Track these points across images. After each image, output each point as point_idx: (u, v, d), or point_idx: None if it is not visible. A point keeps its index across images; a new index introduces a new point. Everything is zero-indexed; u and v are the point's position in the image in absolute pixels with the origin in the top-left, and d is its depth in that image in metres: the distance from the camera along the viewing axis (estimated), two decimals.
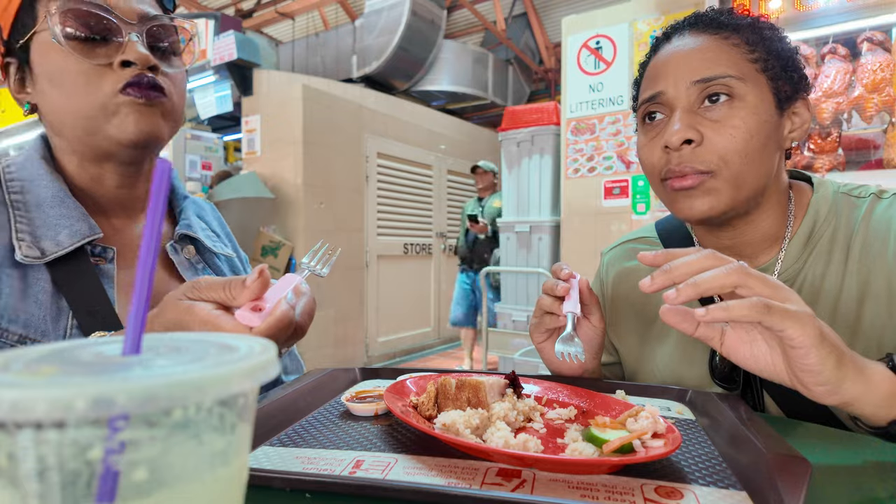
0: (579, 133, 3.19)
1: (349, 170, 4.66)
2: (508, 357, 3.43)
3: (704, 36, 0.69)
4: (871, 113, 2.10)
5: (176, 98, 0.69)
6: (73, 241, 0.65)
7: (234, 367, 0.20)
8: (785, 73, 0.68)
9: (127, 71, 0.63)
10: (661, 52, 0.73)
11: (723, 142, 0.65)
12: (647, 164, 0.73)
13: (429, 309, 5.75)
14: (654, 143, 0.71)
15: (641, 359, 0.84)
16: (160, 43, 0.68)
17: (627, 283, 0.88)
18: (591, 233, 3.18)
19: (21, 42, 0.65)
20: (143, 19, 0.65)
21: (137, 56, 0.63)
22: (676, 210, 0.71)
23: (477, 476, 0.42)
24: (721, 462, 0.45)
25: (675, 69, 0.69)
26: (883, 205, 0.70)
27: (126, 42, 0.63)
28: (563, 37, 3.25)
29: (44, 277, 0.63)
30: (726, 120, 0.66)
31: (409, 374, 0.67)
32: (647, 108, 0.72)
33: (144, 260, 0.23)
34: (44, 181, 0.67)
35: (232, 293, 0.48)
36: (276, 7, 6.89)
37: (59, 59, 0.63)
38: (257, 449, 0.48)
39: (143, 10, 0.66)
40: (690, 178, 0.67)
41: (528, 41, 7.72)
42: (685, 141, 0.66)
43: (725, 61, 0.67)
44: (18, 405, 0.16)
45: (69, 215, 0.66)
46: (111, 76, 0.63)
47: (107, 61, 0.63)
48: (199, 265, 0.78)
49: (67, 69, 0.63)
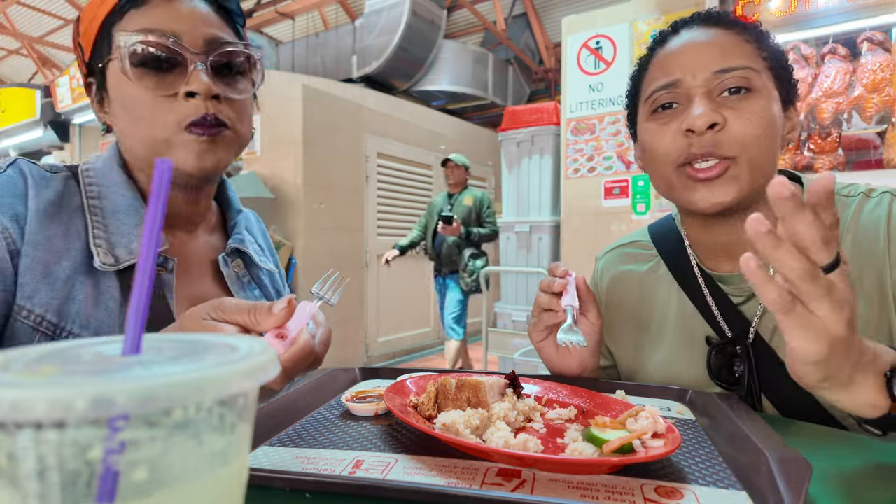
0: (579, 133, 3.19)
1: (349, 170, 4.66)
2: (508, 357, 3.43)
3: (718, 30, 0.70)
4: (871, 113, 2.10)
5: (240, 126, 0.69)
6: None
7: (234, 367, 0.20)
8: (786, 75, 0.71)
9: (192, 102, 0.64)
10: (670, 43, 0.73)
11: (743, 127, 0.66)
12: (660, 151, 0.71)
13: (429, 309, 5.74)
14: (670, 129, 0.70)
15: (637, 363, 0.84)
16: (226, 68, 0.68)
17: (622, 288, 0.88)
18: (591, 233, 3.18)
19: (100, 65, 0.67)
20: (209, 45, 0.66)
21: (200, 87, 0.64)
22: (693, 199, 0.69)
23: (477, 476, 0.42)
24: (721, 462, 0.45)
25: (693, 59, 0.69)
26: (872, 203, 0.70)
27: (191, 71, 0.64)
28: (563, 37, 3.25)
29: (113, 285, 0.64)
30: (746, 107, 0.66)
31: (409, 374, 0.67)
32: (661, 97, 0.71)
33: (144, 260, 0.23)
34: (120, 189, 0.69)
35: (257, 319, 0.49)
36: (276, 7, 6.89)
37: (129, 88, 0.64)
38: (257, 449, 0.48)
39: (210, 34, 0.66)
40: (717, 166, 0.67)
41: (528, 41, 7.71)
42: (710, 125, 0.66)
43: (743, 54, 0.68)
44: (18, 405, 0.16)
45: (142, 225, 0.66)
46: (176, 108, 0.64)
47: (172, 92, 0.64)
48: (245, 279, 0.79)
49: (136, 99, 0.64)
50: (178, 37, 0.64)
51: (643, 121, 0.75)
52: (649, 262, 0.87)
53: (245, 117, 0.71)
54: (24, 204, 0.62)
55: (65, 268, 0.62)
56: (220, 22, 0.69)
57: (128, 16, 0.65)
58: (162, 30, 0.63)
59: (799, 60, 2.27)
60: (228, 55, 0.68)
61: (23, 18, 7.76)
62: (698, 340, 0.76)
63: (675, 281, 0.81)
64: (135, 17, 0.64)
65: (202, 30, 0.66)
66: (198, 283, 0.74)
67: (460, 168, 3.91)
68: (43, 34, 8.11)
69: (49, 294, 0.61)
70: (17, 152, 6.14)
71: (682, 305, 0.79)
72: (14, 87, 5.95)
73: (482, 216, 3.85)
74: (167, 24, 0.64)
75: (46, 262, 0.61)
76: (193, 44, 0.65)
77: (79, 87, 4.86)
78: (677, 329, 0.80)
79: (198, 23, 0.66)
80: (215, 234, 0.81)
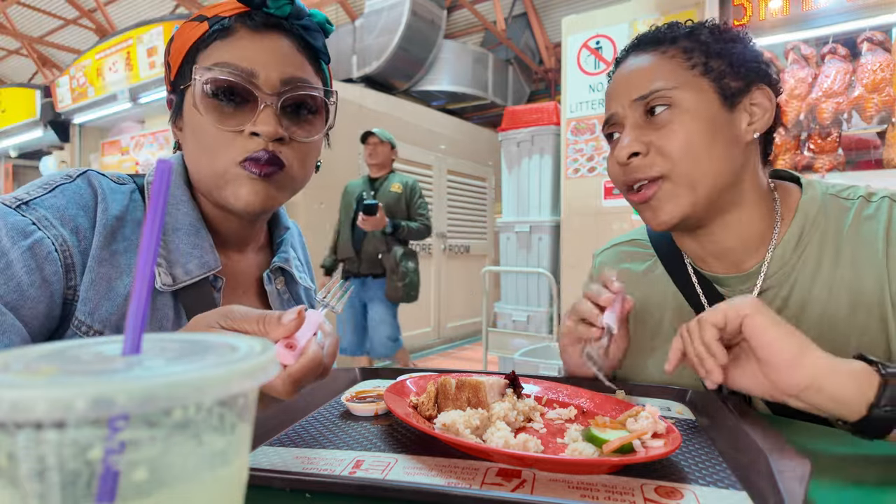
0: (579, 133, 3.19)
1: (349, 170, 4.65)
2: (508, 357, 3.43)
3: (644, 55, 0.74)
4: (871, 113, 2.10)
5: (297, 169, 0.68)
6: (202, 273, 0.66)
7: (234, 367, 0.20)
8: (731, 69, 0.70)
9: (254, 141, 0.63)
10: (614, 74, 0.78)
11: (666, 145, 0.68)
12: (612, 178, 0.77)
13: (429, 309, 5.74)
14: (613, 159, 0.75)
15: (635, 364, 0.84)
16: (297, 108, 0.67)
17: None
18: (591, 233, 3.18)
19: (181, 87, 0.67)
20: (285, 84, 0.65)
21: (265, 129, 0.63)
22: (645, 221, 0.75)
23: (477, 476, 0.42)
24: (721, 462, 0.45)
25: (619, 91, 0.74)
26: (872, 208, 0.69)
27: (259, 111, 0.63)
28: (563, 37, 3.25)
29: (168, 304, 0.65)
30: (667, 125, 0.69)
31: (409, 374, 0.67)
32: (606, 129, 0.77)
33: (144, 261, 0.23)
34: (183, 207, 0.69)
35: (266, 328, 0.49)
36: None
37: (199, 117, 0.64)
38: (257, 449, 0.48)
39: (288, 74, 0.65)
40: (647, 188, 0.71)
41: (528, 41, 7.71)
42: (632, 154, 0.70)
43: (661, 75, 0.70)
44: (18, 405, 0.16)
45: (201, 245, 0.67)
46: (239, 143, 0.64)
47: (238, 128, 0.64)
48: (286, 296, 0.80)
49: (203, 129, 0.64)
50: (254, 75, 0.63)
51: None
52: (646, 261, 0.87)
53: (308, 160, 0.70)
54: (88, 217, 0.61)
55: (126, 284, 0.62)
56: (301, 60, 0.67)
57: (213, 45, 0.65)
58: (238, 65, 0.63)
59: (799, 60, 2.27)
60: (301, 98, 0.66)
61: (23, 18, 7.76)
62: None
63: (671, 281, 0.81)
64: (219, 48, 0.64)
65: (281, 69, 0.65)
66: (242, 299, 0.74)
67: (385, 145, 3.10)
68: (43, 34, 8.11)
69: (109, 310, 0.60)
70: (16, 152, 6.14)
71: (679, 306, 0.79)
72: (14, 86, 5.95)
73: (412, 207, 3.08)
74: (246, 60, 0.63)
75: (110, 277, 0.61)
76: (268, 82, 0.64)
77: (79, 87, 4.86)
78: (674, 330, 0.79)
79: (278, 61, 0.65)
80: (262, 251, 0.81)
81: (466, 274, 6.11)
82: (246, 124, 0.64)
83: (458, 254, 6.06)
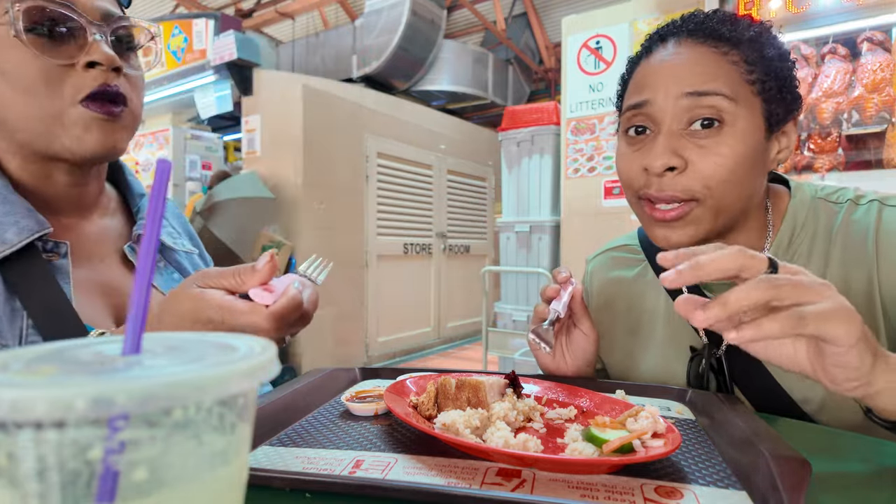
0: (579, 133, 3.19)
1: (349, 170, 4.65)
2: (508, 357, 3.42)
3: (702, 48, 0.64)
4: (871, 113, 2.10)
5: (135, 104, 0.66)
6: (22, 238, 0.60)
7: (233, 367, 0.20)
8: (780, 94, 0.64)
9: (91, 73, 0.60)
10: (653, 55, 0.68)
11: (708, 169, 0.62)
12: (624, 176, 0.70)
13: (429, 309, 5.74)
14: (636, 158, 0.67)
15: (626, 368, 0.84)
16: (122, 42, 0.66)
17: (611, 293, 0.88)
18: (591, 233, 3.18)
19: None
20: (106, 18, 0.62)
21: (103, 56, 0.60)
22: (653, 235, 0.68)
23: (477, 476, 0.42)
24: (721, 462, 0.45)
25: (665, 79, 0.64)
26: (861, 211, 0.69)
27: (91, 42, 0.60)
28: (563, 37, 3.25)
29: None
30: (713, 147, 0.62)
31: (409, 374, 0.67)
32: (632, 119, 0.68)
33: (144, 261, 0.23)
34: None
35: (241, 279, 0.50)
36: (276, 7, 6.88)
37: (18, 55, 0.58)
38: (257, 449, 0.48)
39: (106, 8, 0.63)
40: (677, 210, 0.64)
41: (528, 41, 7.71)
42: (668, 168, 0.63)
43: (721, 77, 0.62)
44: (18, 405, 0.16)
45: (15, 212, 0.62)
46: (74, 78, 0.60)
47: (70, 61, 0.60)
48: (161, 263, 0.76)
49: (26, 67, 0.59)
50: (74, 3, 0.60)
51: (620, 131, 0.73)
52: (637, 266, 0.87)
53: (140, 94, 0.68)
54: None
55: None
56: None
57: None
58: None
59: (799, 60, 2.27)
60: (129, 29, 0.65)
61: None
62: (686, 348, 0.76)
63: (662, 288, 0.81)
64: None
65: (97, 2, 0.62)
66: (104, 269, 0.70)
67: None
68: None
69: None
70: None
71: (670, 312, 0.79)
72: None
73: None
74: None
75: None
76: (91, 14, 0.61)
77: None
78: (665, 336, 0.80)
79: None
80: (117, 218, 0.77)
81: (466, 274, 6.11)
82: (77, 57, 0.60)
83: (458, 254, 6.06)
